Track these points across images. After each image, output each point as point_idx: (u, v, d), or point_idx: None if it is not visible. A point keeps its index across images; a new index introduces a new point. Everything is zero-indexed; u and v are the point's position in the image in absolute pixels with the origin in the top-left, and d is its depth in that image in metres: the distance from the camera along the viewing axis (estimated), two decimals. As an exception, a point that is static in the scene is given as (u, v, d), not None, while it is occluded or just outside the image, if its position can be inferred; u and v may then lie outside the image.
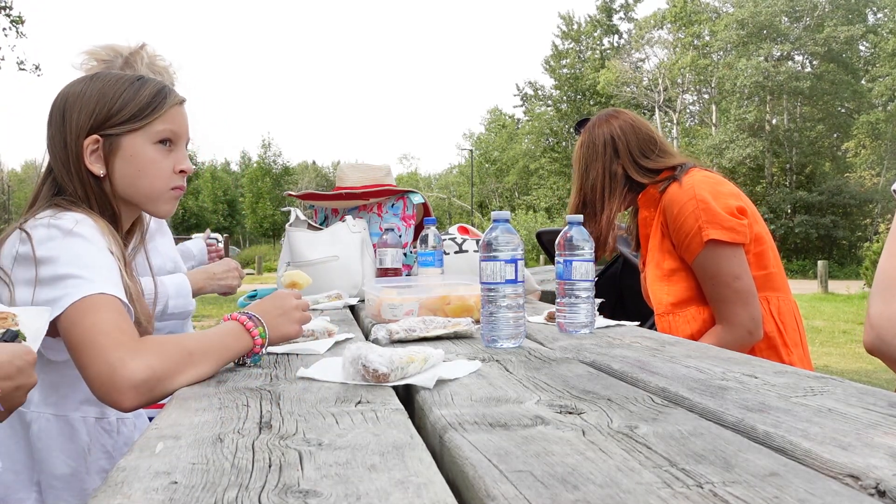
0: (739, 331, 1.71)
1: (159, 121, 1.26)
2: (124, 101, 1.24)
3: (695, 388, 0.88)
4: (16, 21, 16.47)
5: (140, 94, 1.25)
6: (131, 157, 1.24)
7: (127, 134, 1.23)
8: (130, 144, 1.24)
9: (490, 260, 1.23)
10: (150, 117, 1.25)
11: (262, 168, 50.27)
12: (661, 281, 1.84)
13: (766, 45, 30.84)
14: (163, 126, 1.26)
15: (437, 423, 0.73)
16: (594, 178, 1.90)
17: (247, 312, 1.15)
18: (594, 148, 1.91)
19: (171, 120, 1.28)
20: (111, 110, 1.22)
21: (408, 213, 2.46)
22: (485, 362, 1.09)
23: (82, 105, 1.22)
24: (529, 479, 0.55)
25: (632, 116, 1.94)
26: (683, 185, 1.77)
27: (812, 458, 0.60)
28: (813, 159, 32.43)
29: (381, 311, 1.54)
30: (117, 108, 1.23)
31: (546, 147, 41.74)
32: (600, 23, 40.22)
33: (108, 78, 1.27)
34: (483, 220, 39.85)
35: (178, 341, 1.04)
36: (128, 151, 1.24)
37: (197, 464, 0.63)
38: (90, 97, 1.23)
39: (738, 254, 1.72)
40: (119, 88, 1.25)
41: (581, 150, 1.95)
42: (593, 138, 1.92)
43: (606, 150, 1.89)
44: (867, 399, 0.80)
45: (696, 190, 1.74)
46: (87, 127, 1.21)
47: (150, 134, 1.25)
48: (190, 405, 0.86)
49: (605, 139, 1.90)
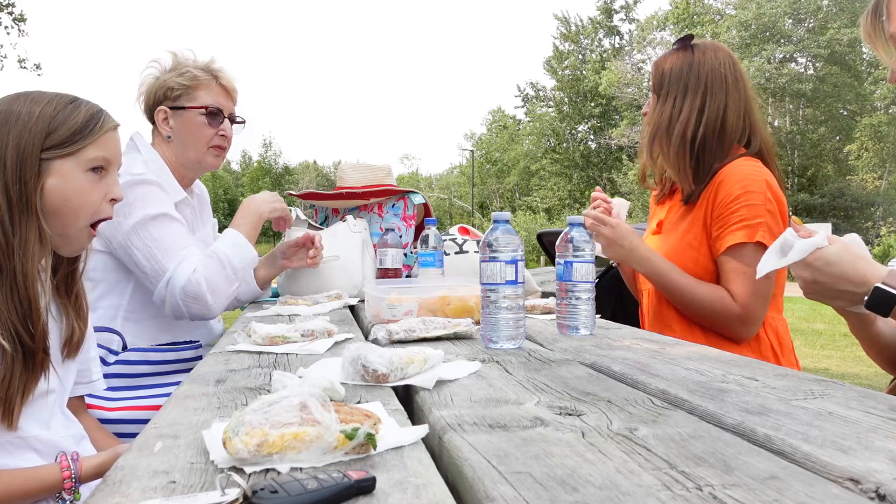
0: (735, 309, 1.72)
1: (93, 146, 1.21)
2: (57, 124, 1.18)
3: (695, 390, 0.88)
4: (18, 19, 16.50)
5: (74, 117, 1.20)
6: (61, 185, 1.19)
7: (57, 159, 1.18)
8: (59, 170, 1.19)
9: (490, 261, 1.23)
10: (82, 142, 1.19)
11: (262, 167, 50.34)
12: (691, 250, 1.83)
13: (769, 46, 30.83)
14: (96, 153, 1.21)
15: (437, 424, 0.73)
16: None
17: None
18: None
19: (104, 146, 1.23)
20: (45, 133, 1.17)
21: (408, 214, 2.46)
22: (484, 363, 1.09)
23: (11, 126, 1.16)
24: (529, 480, 0.55)
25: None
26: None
27: (812, 461, 0.60)
28: (815, 162, 32.42)
29: (380, 312, 1.54)
30: (50, 130, 1.17)
31: (547, 148, 41.75)
32: (601, 24, 40.23)
33: (42, 98, 1.21)
34: (483, 220, 39.89)
35: None
36: (57, 178, 1.18)
37: (195, 463, 0.63)
38: (24, 118, 1.16)
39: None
40: (51, 110, 1.19)
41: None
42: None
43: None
44: (868, 402, 0.80)
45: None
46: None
47: (81, 161, 1.20)
48: (188, 404, 0.86)
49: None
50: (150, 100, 1.98)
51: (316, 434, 0.61)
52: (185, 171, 2.01)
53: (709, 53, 1.84)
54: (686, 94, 1.82)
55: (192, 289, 1.77)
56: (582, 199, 38.45)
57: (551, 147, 41.47)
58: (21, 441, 1.22)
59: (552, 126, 41.04)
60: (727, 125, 1.80)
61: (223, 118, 2.00)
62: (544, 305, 1.81)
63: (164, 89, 1.95)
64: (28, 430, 1.22)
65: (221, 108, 1.99)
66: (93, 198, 1.22)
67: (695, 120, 1.80)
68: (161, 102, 1.96)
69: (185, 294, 1.77)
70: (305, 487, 0.53)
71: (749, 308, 1.71)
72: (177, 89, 1.94)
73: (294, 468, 0.60)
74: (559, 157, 40.43)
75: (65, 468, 1.15)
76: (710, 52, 1.84)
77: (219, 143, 2.01)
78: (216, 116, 1.98)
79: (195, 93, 1.96)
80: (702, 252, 1.79)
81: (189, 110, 1.95)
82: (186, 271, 1.77)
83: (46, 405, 1.28)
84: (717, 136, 1.80)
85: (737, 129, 1.82)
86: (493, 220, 1.26)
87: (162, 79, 1.96)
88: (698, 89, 1.81)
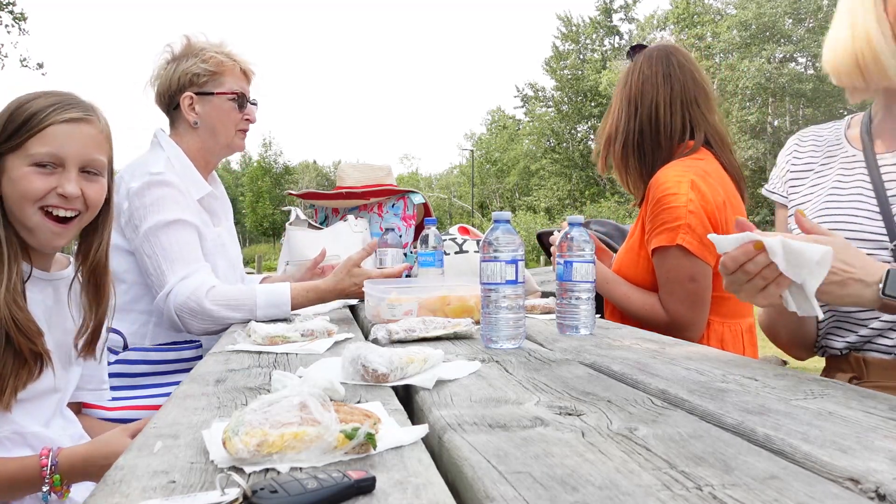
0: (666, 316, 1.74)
1: (35, 141, 1.21)
2: (9, 121, 1.19)
3: (695, 390, 0.88)
4: (18, 18, 16.50)
5: (25, 113, 1.20)
6: (10, 180, 1.20)
7: (8, 154, 1.20)
8: (8, 165, 1.20)
9: (490, 260, 1.23)
10: (22, 136, 1.20)
11: (262, 167, 50.29)
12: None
13: (769, 46, 30.83)
14: (37, 148, 1.21)
15: (437, 424, 0.73)
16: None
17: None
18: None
19: (50, 140, 1.22)
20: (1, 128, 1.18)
21: (408, 214, 2.46)
22: (484, 363, 1.09)
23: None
24: (528, 480, 0.55)
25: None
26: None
27: (812, 461, 0.60)
28: (815, 161, 32.37)
29: (380, 312, 1.54)
30: (3, 128, 1.19)
31: (547, 148, 41.76)
32: (600, 24, 40.22)
33: (19, 98, 1.22)
34: (483, 220, 39.87)
35: None
36: (7, 173, 1.20)
37: (195, 463, 0.63)
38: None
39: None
40: (13, 108, 1.20)
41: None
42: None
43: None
44: (867, 402, 0.80)
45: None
46: None
47: (23, 155, 1.20)
48: (188, 404, 0.86)
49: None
50: (172, 86, 1.96)
51: (316, 434, 0.61)
52: (211, 156, 2.02)
53: (645, 58, 1.86)
54: (622, 103, 1.86)
55: (191, 307, 1.72)
56: (582, 198, 38.46)
57: (551, 147, 41.48)
58: (19, 437, 1.22)
59: (552, 126, 41.04)
60: (661, 123, 1.81)
61: (247, 102, 2.03)
62: (544, 305, 1.81)
63: (189, 75, 1.94)
64: (27, 427, 1.22)
65: (245, 93, 2.02)
66: (35, 186, 1.21)
67: (631, 127, 1.83)
68: (186, 88, 1.95)
69: (181, 310, 1.72)
70: (305, 487, 0.53)
71: (677, 314, 1.72)
72: (203, 75, 1.94)
73: (294, 468, 0.60)
74: (559, 157, 40.41)
75: (43, 456, 1.16)
76: (647, 56, 1.86)
77: (244, 127, 2.04)
78: (242, 101, 2.00)
79: (222, 78, 1.97)
80: (641, 255, 1.81)
81: (217, 96, 1.96)
82: (188, 289, 1.73)
83: (49, 404, 1.28)
84: (653, 137, 1.82)
85: (674, 125, 1.82)
86: (494, 219, 1.26)
87: (184, 66, 1.95)
88: (631, 95, 1.84)
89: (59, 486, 1.15)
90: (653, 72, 1.83)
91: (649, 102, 1.81)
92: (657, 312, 1.74)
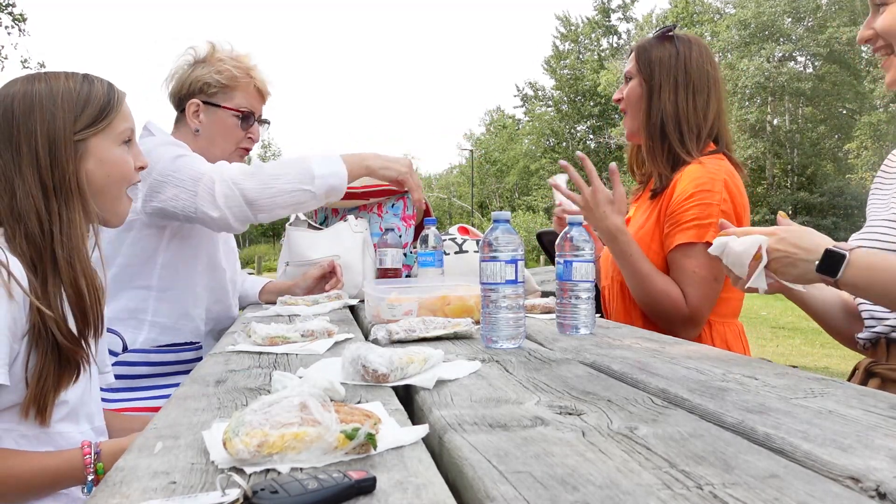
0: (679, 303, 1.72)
1: (119, 119, 1.21)
2: (83, 103, 1.18)
3: (695, 389, 0.88)
4: (18, 19, 16.51)
5: (96, 93, 1.20)
6: (101, 161, 1.19)
7: (91, 137, 1.18)
8: (95, 149, 1.19)
9: (490, 260, 1.23)
10: (110, 116, 1.20)
11: (262, 167, 50.15)
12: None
13: (769, 45, 30.82)
14: (123, 125, 1.22)
15: (437, 424, 0.73)
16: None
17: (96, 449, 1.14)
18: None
19: (127, 116, 1.23)
20: (73, 113, 1.16)
21: (408, 213, 2.46)
22: (484, 363, 1.09)
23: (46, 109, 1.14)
24: (529, 479, 0.55)
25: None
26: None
27: (812, 459, 0.60)
28: (814, 160, 32.41)
29: (380, 312, 1.54)
30: (78, 110, 1.17)
31: (546, 148, 41.74)
32: (598, 24, 40.23)
33: (55, 78, 1.19)
34: (483, 220, 39.86)
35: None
36: (96, 156, 1.19)
37: (196, 464, 0.63)
38: (48, 100, 1.15)
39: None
40: (72, 89, 1.18)
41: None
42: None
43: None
44: (868, 401, 0.80)
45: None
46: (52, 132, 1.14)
47: (113, 135, 1.21)
48: (189, 405, 0.86)
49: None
50: (183, 89, 1.94)
51: (316, 434, 0.61)
52: None
53: (694, 49, 1.84)
54: (677, 89, 1.82)
55: (236, 180, 1.70)
56: (581, 198, 38.31)
57: (551, 146, 41.47)
58: (45, 435, 1.21)
59: (551, 126, 41.03)
60: (707, 123, 1.81)
61: (254, 121, 1.99)
62: (544, 305, 1.81)
63: (200, 83, 1.91)
64: (55, 426, 1.20)
65: (254, 112, 1.98)
66: (130, 164, 1.23)
67: (682, 115, 1.81)
68: (194, 95, 1.93)
69: (228, 187, 1.69)
70: (306, 487, 0.53)
71: (700, 311, 1.72)
72: (214, 86, 1.91)
73: (294, 468, 0.60)
74: (559, 157, 40.42)
75: (85, 445, 1.14)
76: (695, 48, 1.85)
77: (246, 146, 2.01)
78: (248, 119, 1.97)
79: (232, 93, 1.93)
80: (651, 248, 1.79)
81: (223, 110, 1.93)
82: (229, 167, 1.72)
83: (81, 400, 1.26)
84: (697, 132, 1.81)
85: (713, 128, 1.83)
86: (493, 219, 1.26)
87: (199, 72, 1.92)
88: (688, 85, 1.82)
89: (103, 474, 1.13)
90: (707, 70, 1.83)
91: (703, 99, 1.81)
92: (678, 303, 1.71)
